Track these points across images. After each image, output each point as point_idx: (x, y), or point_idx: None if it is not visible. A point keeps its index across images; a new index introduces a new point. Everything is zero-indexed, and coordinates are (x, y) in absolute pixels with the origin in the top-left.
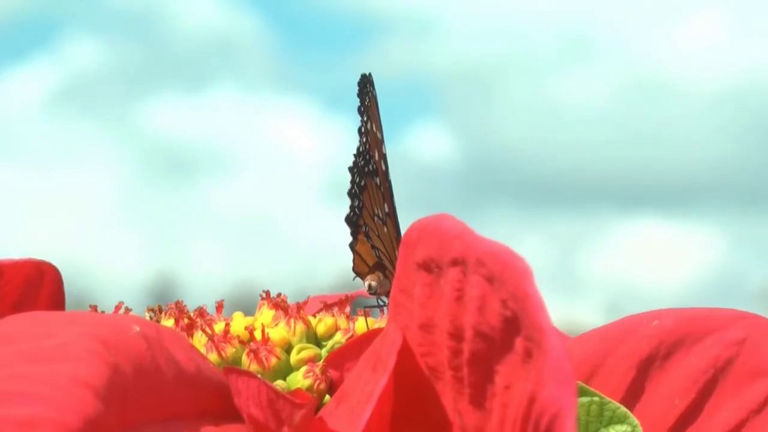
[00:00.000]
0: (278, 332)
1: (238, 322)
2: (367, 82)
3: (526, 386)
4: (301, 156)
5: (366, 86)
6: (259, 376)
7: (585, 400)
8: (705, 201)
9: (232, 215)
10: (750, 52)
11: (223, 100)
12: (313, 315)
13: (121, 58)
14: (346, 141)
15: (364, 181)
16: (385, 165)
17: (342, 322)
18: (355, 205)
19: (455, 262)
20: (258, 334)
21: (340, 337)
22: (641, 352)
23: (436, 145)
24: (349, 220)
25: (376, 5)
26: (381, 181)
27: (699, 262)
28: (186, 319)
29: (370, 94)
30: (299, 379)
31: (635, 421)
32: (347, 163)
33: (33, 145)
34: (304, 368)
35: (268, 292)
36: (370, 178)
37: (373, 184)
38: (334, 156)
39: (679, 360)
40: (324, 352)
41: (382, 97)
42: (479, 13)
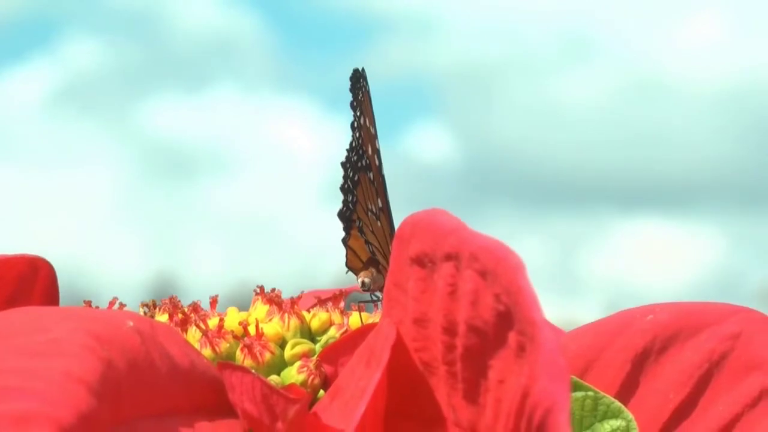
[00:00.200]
0: (272, 327)
1: (232, 318)
2: (360, 77)
3: (520, 381)
4: (301, 156)
5: (359, 81)
6: (253, 372)
7: (579, 394)
8: (705, 201)
9: (232, 215)
10: (750, 52)
11: (223, 100)
12: (308, 310)
13: (121, 58)
14: (346, 141)
15: (357, 176)
16: (379, 160)
17: (336, 317)
18: (348, 200)
19: (449, 257)
20: (252, 330)
21: (334, 332)
22: (636, 347)
23: (436, 144)
24: (341, 215)
25: (376, 5)
26: (374, 176)
27: (699, 262)
28: (180, 315)
29: (363, 89)
30: (293, 374)
31: (630, 416)
32: None
33: (33, 145)
34: (298, 363)
35: (262, 287)
36: (363, 173)
37: (367, 179)
38: (334, 156)
39: (674, 354)
40: (318, 347)
41: (382, 97)
42: (479, 13)
